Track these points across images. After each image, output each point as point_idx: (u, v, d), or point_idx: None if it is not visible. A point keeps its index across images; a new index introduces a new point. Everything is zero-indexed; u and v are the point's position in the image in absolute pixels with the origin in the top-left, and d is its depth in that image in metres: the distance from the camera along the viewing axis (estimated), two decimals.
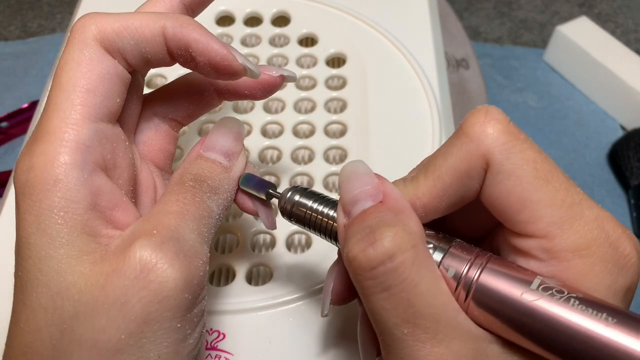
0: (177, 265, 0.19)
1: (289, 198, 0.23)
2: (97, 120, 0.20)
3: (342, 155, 0.35)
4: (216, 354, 0.27)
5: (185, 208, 0.21)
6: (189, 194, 0.21)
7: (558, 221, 0.18)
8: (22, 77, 0.63)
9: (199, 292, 0.20)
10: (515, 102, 0.63)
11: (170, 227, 0.20)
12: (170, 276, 0.19)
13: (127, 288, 0.18)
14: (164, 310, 0.19)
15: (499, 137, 0.19)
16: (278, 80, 0.25)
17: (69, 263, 0.19)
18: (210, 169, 0.23)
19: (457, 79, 0.60)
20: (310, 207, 0.23)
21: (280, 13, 0.41)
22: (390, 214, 0.19)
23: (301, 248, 0.32)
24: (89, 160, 0.20)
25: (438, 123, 0.35)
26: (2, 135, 0.58)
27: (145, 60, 0.22)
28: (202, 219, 0.21)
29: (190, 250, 0.20)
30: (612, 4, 0.73)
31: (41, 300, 0.19)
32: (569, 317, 0.17)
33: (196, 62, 0.22)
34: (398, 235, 0.18)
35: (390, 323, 0.18)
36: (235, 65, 0.22)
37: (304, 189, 0.23)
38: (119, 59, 0.21)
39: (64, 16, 0.70)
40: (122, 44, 0.21)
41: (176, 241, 0.20)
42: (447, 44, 0.62)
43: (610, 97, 0.61)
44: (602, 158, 0.59)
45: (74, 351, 0.18)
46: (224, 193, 0.23)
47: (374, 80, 0.37)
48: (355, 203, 0.20)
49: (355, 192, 0.20)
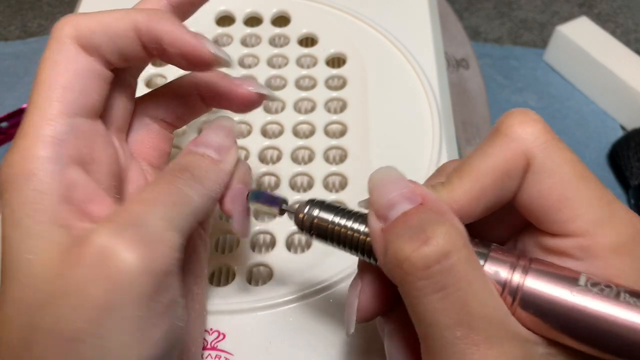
0: (136, 250, 0.18)
1: (308, 213, 0.22)
2: (73, 115, 0.21)
3: (342, 156, 0.35)
4: (216, 354, 0.27)
5: (156, 196, 0.21)
6: (165, 183, 0.21)
7: (597, 219, 0.18)
8: (22, 77, 0.63)
9: (163, 280, 0.19)
10: (515, 102, 0.63)
11: (132, 214, 0.20)
12: (127, 262, 0.18)
13: (85, 275, 0.18)
14: (123, 297, 0.18)
15: (539, 136, 0.19)
16: (255, 97, 0.25)
17: (39, 254, 0.19)
18: (197, 160, 0.23)
19: (457, 79, 0.60)
20: (332, 221, 0.22)
21: (280, 13, 0.41)
22: (435, 214, 0.18)
23: (301, 248, 0.32)
24: (64, 154, 0.20)
25: (438, 123, 0.35)
26: (2, 135, 0.57)
27: (123, 57, 0.22)
28: (174, 206, 0.21)
29: (153, 236, 0.19)
30: (612, 4, 0.73)
31: (14, 292, 0.19)
32: (623, 311, 0.17)
33: (169, 54, 0.22)
34: (451, 233, 0.18)
35: (442, 325, 0.17)
36: (205, 54, 0.22)
37: (321, 202, 0.22)
38: (95, 56, 0.22)
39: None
40: (97, 41, 0.22)
41: (137, 227, 0.19)
42: (447, 44, 0.62)
43: (610, 97, 0.61)
44: (602, 158, 0.59)
45: (38, 340, 0.18)
46: (210, 184, 0.23)
47: (374, 80, 0.37)
48: (392, 207, 0.19)
49: (391, 195, 0.19)
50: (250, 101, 0.25)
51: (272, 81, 0.38)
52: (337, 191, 0.33)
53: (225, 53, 0.23)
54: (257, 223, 0.31)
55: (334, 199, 0.32)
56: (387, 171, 0.21)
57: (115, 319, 0.18)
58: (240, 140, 0.34)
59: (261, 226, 0.31)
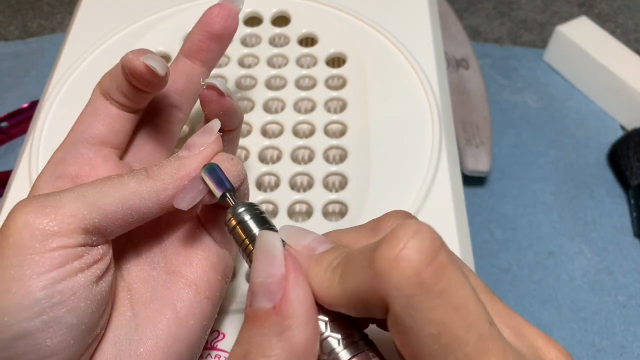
0: (25, 210, 0.20)
1: (237, 214, 0.21)
2: (78, 142, 0.25)
3: (342, 155, 0.35)
4: (216, 353, 0.27)
5: (95, 181, 0.22)
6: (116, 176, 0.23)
7: None
8: (22, 77, 0.63)
9: (49, 239, 0.20)
10: (515, 102, 0.63)
11: (57, 192, 0.21)
12: (15, 218, 0.20)
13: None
14: (6, 248, 0.20)
15: (404, 288, 0.16)
16: (142, 68, 0.24)
17: None
18: (163, 161, 0.24)
19: (457, 78, 0.60)
20: (252, 234, 0.21)
21: (280, 13, 0.41)
22: (276, 330, 0.17)
23: None
24: (58, 170, 0.25)
25: (438, 123, 0.35)
26: (2, 135, 0.58)
27: (124, 96, 0.25)
28: (98, 186, 0.22)
29: (51, 202, 0.21)
30: (612, 4, 0.73)
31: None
32: None
33: (130, 80, 0.25)
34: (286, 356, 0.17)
35: None
36: (136, 64, 0.23)
37: (257, 212, 0.22)
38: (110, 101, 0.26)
39: (64, 16, 0.70)
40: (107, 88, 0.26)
41: (45, 197, 0.21)
42: (447, 45, 0.62)
43: (610, 97, 0.61)
44: (602, 158, 0.59)
45: None
46: (161, 175, 0.23)
47: (374, 80, 0.37)
48: (254, 294, 0.18)
49: (259, 279, 0.18)
50: (139, 73, 0.24)
51: (272, 81, 0.38)
52: (337, 191, 0.33)
53: (159, 61, 0.24)
54: None
55: (334, 198, 0.32)
56: (270, 242, 0.19)
57: (8, 267, 0.20)
58: (240, 140, 0.34)
59: None
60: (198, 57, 0.28)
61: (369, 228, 0.20)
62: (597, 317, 0.49)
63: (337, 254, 0.19)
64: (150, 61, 0.23)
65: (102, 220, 0.21)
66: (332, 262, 0.18)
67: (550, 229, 0.54)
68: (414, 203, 0.31)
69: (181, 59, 0.28)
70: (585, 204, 0.55)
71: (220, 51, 0.28)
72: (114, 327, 0.23)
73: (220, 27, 0.27)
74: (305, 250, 0.19)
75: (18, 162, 0.34)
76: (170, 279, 0.24)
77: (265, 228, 0.21)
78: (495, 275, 0.51)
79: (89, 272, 0.21)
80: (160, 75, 0.24)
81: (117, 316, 0.23)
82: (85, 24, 0.41)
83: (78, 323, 0.21)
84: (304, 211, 0.34)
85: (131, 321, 0.23)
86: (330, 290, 0.18)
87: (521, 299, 0.50)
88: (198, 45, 0.27)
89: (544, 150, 0.59)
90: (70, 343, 0.20)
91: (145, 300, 0.24)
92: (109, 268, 0.22)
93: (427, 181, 0.32)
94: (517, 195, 0.56)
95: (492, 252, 0.52)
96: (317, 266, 0.19)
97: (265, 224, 0.21)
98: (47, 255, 0.20)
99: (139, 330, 0.23)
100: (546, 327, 0.48)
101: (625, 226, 0.54)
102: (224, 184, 0.22)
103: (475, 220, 0.54)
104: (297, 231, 0.20)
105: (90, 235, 0.21)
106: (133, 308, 0.24)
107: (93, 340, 0.22)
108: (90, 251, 0.21)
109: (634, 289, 0.50)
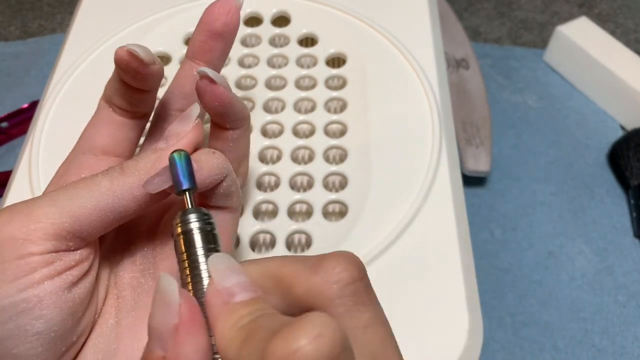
0: (1, 218, 0.20)
1: (185, 221, 0.20)
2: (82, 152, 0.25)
3: (342, 155, 0.35)
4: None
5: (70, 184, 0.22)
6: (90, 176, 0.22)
7: None
8: (22, 77, 0.63)
9: (18, 245, 0.20)
10: (515, 102, 0.63)
11: (34, 198, 0.21)
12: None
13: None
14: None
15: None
16: (126, 56, 0.23)
17: None
18: (144, 153, 0.23)
19: (457, 79, 0.60)
20: (192, 245, 0.20)
21: (280, 13, 0.41)
22: None
23: (301, 248, 0.32)
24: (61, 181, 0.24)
25: (438, 123, 0.35)
26: (2, 135, 0.58)
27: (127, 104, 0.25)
28: (71, 190, 0.21)
29: (21, 209, 0.21)
30: (612, 4, 0.73)
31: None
32: None
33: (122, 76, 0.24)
34: None
35: None
36: (120, 53, 0.22)
37: (208, 227, 0.20)
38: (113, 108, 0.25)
39: (64, 16, 0.70)
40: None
41: (21, 205, 0.21)
42: (447, 44, 0.62)
43: (610, 97, 0.61)
44: (602, 158, 0.59)
45: None
46: (135, 169, 0.22)
47: (373, 80, 0.37)
48: (149, 338, 0.18)
49: (153, 324, 0.18)
50: (125, 61, 0.23)
51: (272, 81, 0.38)
52: (337, 191, 0.33)
53: (144, 49, 0.23)
54: (257, 223, 0.31)
55: (334, 198, 0.32)
56: (168, 289, 0.18)
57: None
58: None
59: (261, 226, 0.31)
60: (202, 58, 0.27)
61: (311, 265, 0.18)
62: (597, 317, 0.49)
63: (251, 311, 0.17)
64: (134, 47, 0.22)
65: (74, 223, 0.21)
66: (240, 321, 0.17)
67: (550, 229, 0.54)
68: (414, 203, 0.31)
69: (186, 62, 0.27)
70: (585, 204, 0.55)
71: (225, 50, 0.27)
72: (96, 334, 0.23)
73: (221, 24, 0.26)
74: (222, 294, 0.18)
75: (18, 163, 0.34)
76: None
77: (210, 248, 0.20)
78: (495, 276, 0.51)
79: (59, 278, 0.21)
80: (144, 60, 0.23)
81: (101, 324, 0.23)
82: (85, 24, 0.41)
83: (46, 330, 0.20)
84: (304, 211, 0.34)
85: (113, 329, 0.23)
86: (227, 352, 0.17)
87: (521, 299, 0.50)
88: (200, 46, 0.27)
89: (544, 150, 0.59)
90: (38, 351, 0.20)
91: (128, 308, 0.23)
92: (87, 274, 0.22)
93: (427, 181, 0.32)
94: (517, 196, 0.56)
95: (492, 252, 0.52)
96: (225, 319, 0.18)
97: (210, 244, 0.20)
98: (14, 263, 0.20)
99: (117, 339, 0.23)
100: (546, 327, 0.48)
101: (626, 226, 0.54)
102: (184, 181, 0.21)
103: (475, 220, 0.54)
104: (224, 269, 0.18)
105: (63, 240, 0.21)
106: (117, 315, 0.23)
107: (69, 347, 0.21)
108: (63, 257, 0.21)
109: (634, 289, 0.50)
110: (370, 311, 0.18)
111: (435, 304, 0.28)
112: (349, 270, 0.18)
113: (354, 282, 0.18)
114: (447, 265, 0.30)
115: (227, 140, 0.26)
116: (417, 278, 0.29)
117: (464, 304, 0.28)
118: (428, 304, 0.28)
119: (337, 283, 0.18)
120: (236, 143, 0.26)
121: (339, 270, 0.18)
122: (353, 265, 0.18)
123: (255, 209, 0.32)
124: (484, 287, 0.50)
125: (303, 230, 0.31)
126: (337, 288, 0.18)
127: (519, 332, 0.48)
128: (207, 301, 0.18)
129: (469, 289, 0.29)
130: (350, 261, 0.18)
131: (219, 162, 0.23)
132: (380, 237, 0.30)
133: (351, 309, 0.18)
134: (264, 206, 0.33)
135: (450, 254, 0.30)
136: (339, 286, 0.18)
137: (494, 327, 0.48)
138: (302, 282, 0.18)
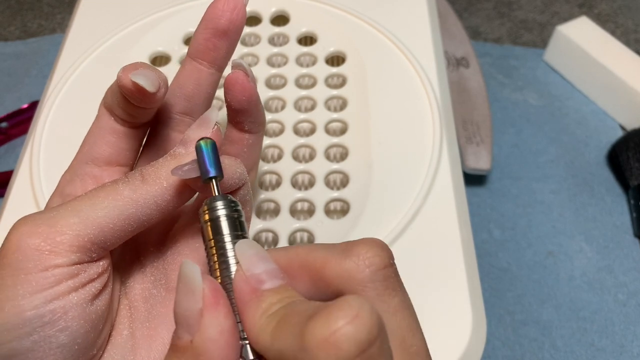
0: (23, 228, 0.20)
1: (213, 209, 0.20)
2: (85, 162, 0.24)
3: (342, 153, 0.35)
4: None
5: (90, 192, 0.21)
6: (111, 183, 0.22)
7: None
8: (22, 77, 0.63)
9: (42, 257, 0.20)
10: (515, 100, 0.63)
11: (54, 208, 0.21)
12: (9, 238, 0.20)
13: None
14: (5, 269, 0.20)
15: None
16: (130, 85, 0.22)
17: None
18: (159, 159, 0.22)
19: (457, 77, 0.60)
20: (218, 236, 0.19)
21: (280, 12, 0.41)
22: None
23: None
24: (65, 191, 0.24)
25: (438, 121, 0.35)
26: (2, 136, 0.58)
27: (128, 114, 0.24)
28: (92, 198, 0.21)
29: (45, 220, 0.20)
30: (612, 4, 0.73)
31: None
32: None
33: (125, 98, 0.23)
34: None
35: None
36: (125, 82, 0.22)
37: (235, 214, 0.20)
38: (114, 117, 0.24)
39: (64, 16, 0.70)
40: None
41: (41, 214, 0.20)
42: (447, 43, 0.62)
43: (610, 97, 0.61)
44: (602, 158, 0.59)
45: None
46: (157, 176, 0.22)
47: (373, 78, 0.37)
48: (176, 324, 0.18)
49: (178, 310, 0.18)
50: (129, 90, 0.22)
51: (272, 80, 0.38)
52: (338, 189, 0.33)
53: (149, 76, 0.22)
54: (259, 221, 0.31)
55: (335, 196, 0.32)
56: (191, 275, 0.18)
57: (7, 286, 0.19)
58: None
59: (264, 224, 0.31)
60: (205, 58, 0.26)
61: (342, 250, 0.19)
62: (596, 316, 0.49)
63: (280, 298, 0.18)
64: (138, 78, 0.22)
65: (99, 234, 0.21)
66: (270, 308, 0.17)
67: (550, 227, 0.54)
68: (415, 200, 0.31)
69: (188, 61, 0.26)
70: (585, 202, 0.55)
71: (229, 49, 0.26)
72: (111, 346, 0.22)
73: (226, 22, 0.25)
74: (251, 281, 0.18)
75: (19, 163, 0.34)
76: (169, 296, 0.23)
77: (237, 235, 0.20)
78: (494, 275, 0.51)
79: (84, 290, 0.21)
80: (150, 92, 0.22)
81: (115, 335, 0.23)
82: (85, 24, 0.41)
83: (70, 343, 0.20)
84: (305, 209, 0.34)
85: (128, 340, 0.23)
86: (259, 339, 0.17)
87: (520, 298, 0.50)
88: (204, 44, 0.25)
89: (544, 148, 0.59)
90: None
91: (142, 319, 0.23)
92: (106, 286, 0.22)
93: (428, 178, 0.32)
94: (516, 195, 0.56)
95: (491, 251, 0.52)
96: (254, 306, 0.18)
97: (237, 231, 0.20)
98: (40, 275, 0.20)
99: (133, 350, 0.22)
100: (545, 327, 0.48)
101: (626, 224, 0.54)
102: (211, 169, 0.20)
103: (474, 219, 0.54)
104: (252, 255, 0.19)
105: (87, 251, 0.20)
106: (131, 326, 0.23)
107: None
108: (86, 269, 0.21)
109: (634, 288, 0.50)
110: (400, 296, 0.18)
111: (439, 300, 0.29)
112: (380, 255, 0.18)
113: (385, 268, 0.18)
114: (450, 262, 0.30)
115: (242, 145, 0.26)
116: (420, 274, 0.29)
117: (467, 300, 0.28)
118: (431, 300, 0.28)
119: (369, 267, 0.18)
120: (250, 150, 0.26)
121: (371, 255, 0.18)
122: (385, 251, 0.18)
123: (257, 207, 0.32)
124: (484, 285, 0.50)
125: (305, 228, 0.31)
126: (369, 272, 0.18)
127: (518, 331, 0.48)
128: (235, 288, 0.18)
129: (472, 285, 0.29)
130: (381, 247, 0.19)
131: (241, 170, 0.23)
132: (383, 234, 0.30)
133: (382, 293, 0.18)
134: (266, 205, 0.33)
135: (453, 250, 0.30)
136: (371, 270, 0.18)
137: (493, 325, 0.48)
138: (332, 267, 0.18)
